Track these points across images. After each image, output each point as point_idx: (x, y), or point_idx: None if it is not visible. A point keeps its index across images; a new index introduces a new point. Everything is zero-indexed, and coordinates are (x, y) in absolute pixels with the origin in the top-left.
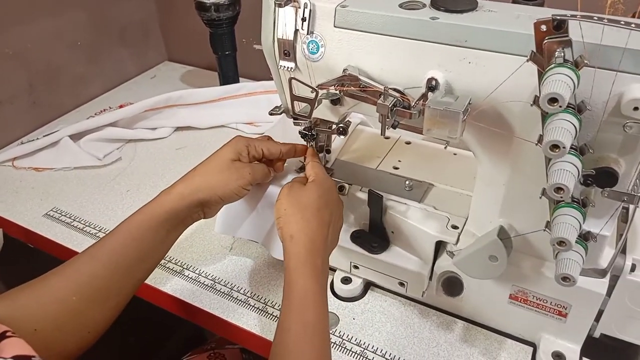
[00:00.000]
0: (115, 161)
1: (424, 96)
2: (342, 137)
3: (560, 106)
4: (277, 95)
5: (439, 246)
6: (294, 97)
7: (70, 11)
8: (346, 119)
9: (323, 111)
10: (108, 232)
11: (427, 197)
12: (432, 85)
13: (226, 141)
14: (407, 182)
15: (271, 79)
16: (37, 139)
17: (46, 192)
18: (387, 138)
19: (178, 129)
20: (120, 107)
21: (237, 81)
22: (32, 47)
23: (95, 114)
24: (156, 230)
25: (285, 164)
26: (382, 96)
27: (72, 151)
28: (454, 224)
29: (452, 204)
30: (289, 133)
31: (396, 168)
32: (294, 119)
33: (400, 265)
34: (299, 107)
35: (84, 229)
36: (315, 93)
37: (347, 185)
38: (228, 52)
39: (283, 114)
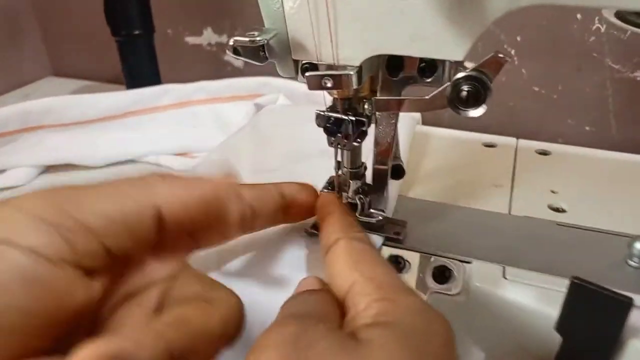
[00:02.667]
0: None
1: None
2: (477, 112)
3: None
4: (235, 104)
5: None
6: None
7: None
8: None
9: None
10: None
11: None
12: None
13: None
14: (636, 245)
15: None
16: None
17: None
18: (492, 146)
19: (49, 169)
20: None
21: (158, 82)
22: None
23: None
24: None
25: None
26: None
27: None
28: None
29: None
30: (269, 142)
31: (561, 210)
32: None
33: None
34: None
35: None
36: None
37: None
38: (137, 31)
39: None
